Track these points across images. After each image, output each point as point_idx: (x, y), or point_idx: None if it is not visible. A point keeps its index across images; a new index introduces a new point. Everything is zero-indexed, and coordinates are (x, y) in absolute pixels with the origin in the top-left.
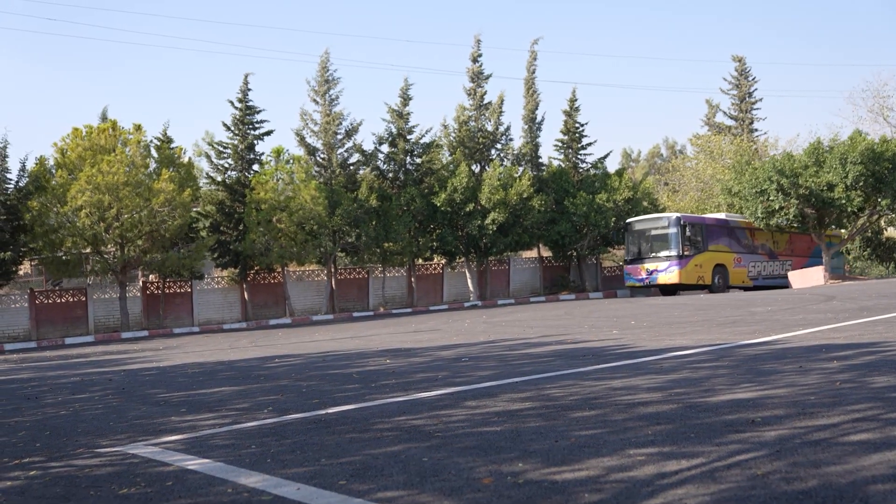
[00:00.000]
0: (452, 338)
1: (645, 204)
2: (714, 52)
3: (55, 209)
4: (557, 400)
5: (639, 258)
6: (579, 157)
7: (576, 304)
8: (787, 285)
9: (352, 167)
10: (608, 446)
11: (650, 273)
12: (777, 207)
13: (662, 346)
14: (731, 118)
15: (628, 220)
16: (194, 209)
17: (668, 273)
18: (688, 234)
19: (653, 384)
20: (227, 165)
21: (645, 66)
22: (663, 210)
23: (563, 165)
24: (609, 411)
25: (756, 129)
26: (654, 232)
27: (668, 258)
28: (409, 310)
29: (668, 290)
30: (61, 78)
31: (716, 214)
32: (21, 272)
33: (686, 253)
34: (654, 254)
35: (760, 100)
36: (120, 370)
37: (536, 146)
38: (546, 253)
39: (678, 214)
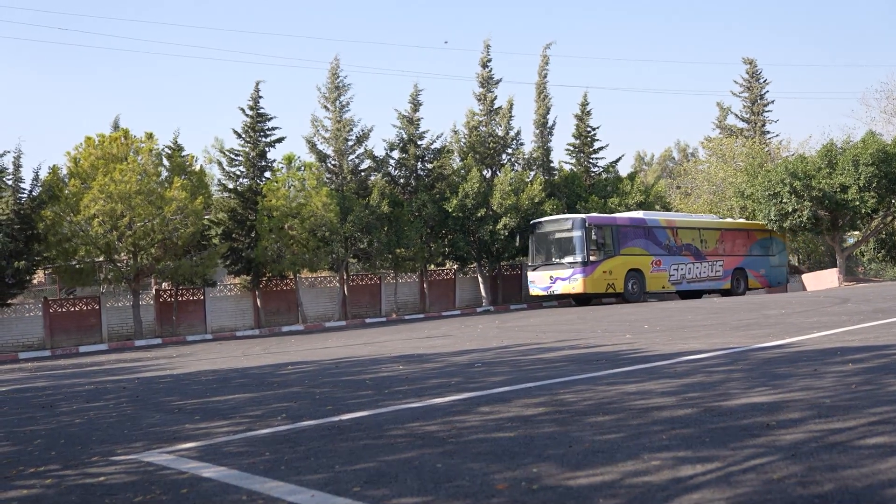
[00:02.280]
0: (465, 343)
1: (657, 207)
2: (725, 55)
3: (68, 218)
4: (571, 405)
5: (543, 264)
6: (591, 161)
7: (588, 308)
8: (719, 289)
9: (363, 173)
10: (623, 451)
11: (553, 281)
12: (790, 210)
13: (676, 349)
14: (743, 121)
15: (533, 221)
16: (206, 217)
17: (571, 281)
18: (594, 236)
19: (667, 388)
20: (238, 173)
21: (656, 70)
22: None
23: (575, 170)
24: (623, 416)
25: (768, 132)
26: (558, 235)
27: (571, 265)
28: (421, 315)
29: (581, 299)
30: (73, 87)
31: (631, 213)
32: (35, 281)
33: (593, 258)
34: (557, 259)
35: (772, 102)
36: (134, 378)
37: (548, 150)
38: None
39: (584, 215)
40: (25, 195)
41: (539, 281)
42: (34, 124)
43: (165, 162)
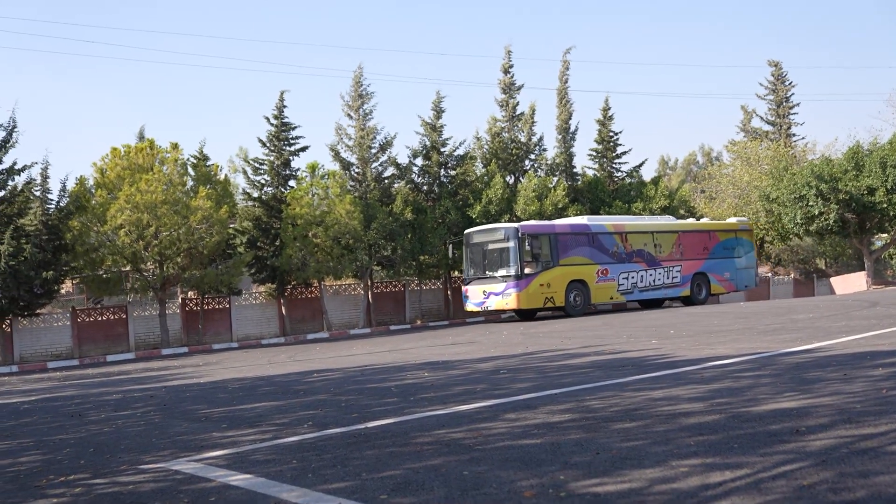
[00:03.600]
0: (490, 350)
1: (682, 212)
2: (750, 58)
3: (95, 228)
4: (598, 411)
5: (476, 278)
6: (614, 165)
7: (613, 314)
8: (678, 297)
9: (386, 181)
10: (651, 458)
11: (487, 296)
12: (817, 213)
13: (703, 355)
14: (768, 123)
15: (466, 231)
16: (231, 226)
17: (504, 297)
18: (528, 247)
19: (694, 394)
20: (263, 181)
21: (679, 73)
22: (697, 215)
23: (598, 175)
24: (651, 422)
25: (793, 135)
26: (491, 246)
27: (504, 278)
28: (445, 322)
29: (524, 314)
30: (99, 99)
31: (573, 219)
32: (63, 291)
33: (528, 271)
34: (491, 273)
35: (797, 104)
36: (161, 387)
37: (571, 156)
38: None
39: (517, 224)
40: (53, 206)
41: (473, 296)
42: (61, 136)
43: (191, 171)
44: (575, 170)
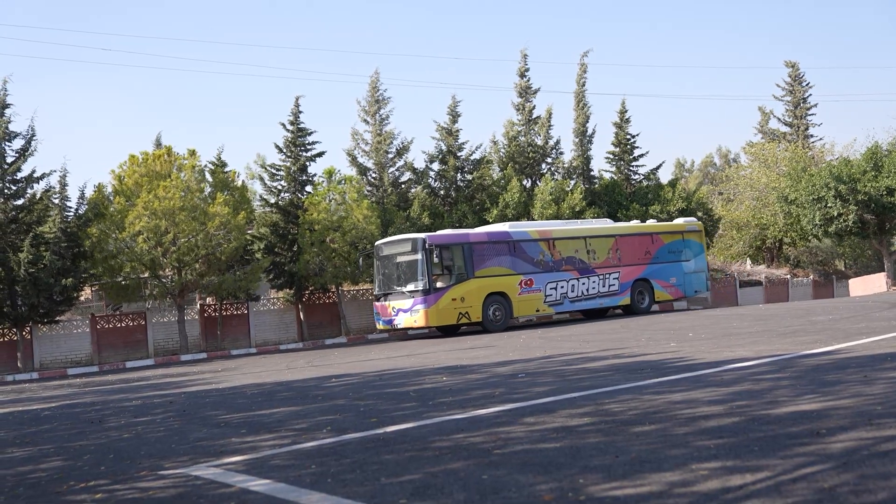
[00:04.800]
0: (508, 354)
1: (699, 214)
2: (766, 59)
3: (114, 235)
4: (617, 415)
5: (385, 293)
6: (631, 168)
7: (631, 317)
8: (617, 306)
9: (403, 186)
10: (670, 461)
11: (395, 313)
12: (835, 214)
13: (722, 357)
14: (786, 125)
15: (377, 243)
16: (249, 232)
17: (412, 313)
18: (437, 259)
19: (714, 397)
20: (280, 187)
21: (696, 75)
22: (718, 216)
23: (615, 178)
24: (670, 425)
25: (811, 136)
26: (399, 259)
27: (412, 294)
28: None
29: (445, 330)
30: (117, 106)
31: (491, 227)
32: (82, 298)
33: (438, 285)
34: (399, 287)
35: (815, 105)
36: (180, 392)
37: (588, 159)
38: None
39: (424, 235)
40: (72, 213)
41: (383, 313)
42: (80, 144)
43: (208, 178)
44: (592, 173)
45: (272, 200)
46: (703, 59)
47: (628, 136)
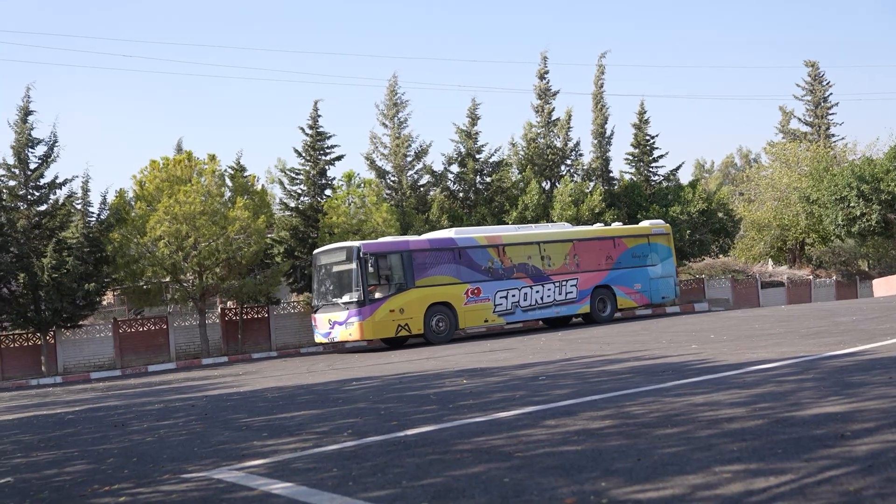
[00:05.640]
0: (528, 356)
1: (720, 215)
2: (786, 58)
3: (135, 240)
4: (638, 417)
5: (322, 305)
6: (651, 169)
7: (653, 319)
8: (575, 315)
9: (422, 188)
10: (693, 464)
11: (332, 326)
12: (858, 214)
13: (744, 359)
14: (807, 124)
15: (315, 252)
16: (269, 236)
17: (347, 326)
18: (372, 268)
19: (736, 399)
20: (299, 191)
21: (715, 76)
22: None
23: (635, 179)
24: (692, 428)
25: (833, 135)
26: (335, 269)
27: (347, 305)
28: (483, 329)
29: (393, 342)
30: (137, 111)
31: (434, 234)
32: (104, 302)
33: (378, 295)
34: (335, 299)
35: (836, 104)
36: (202, 396)
37: (607, 160)
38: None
39: (358, 243)
40: (94, 219)
41: (320, 326)
42: (101, 149)
43: (228, 182)
44: (611, 174)
45: (292, 204)
46: (723, 60)
47: (647, 137)
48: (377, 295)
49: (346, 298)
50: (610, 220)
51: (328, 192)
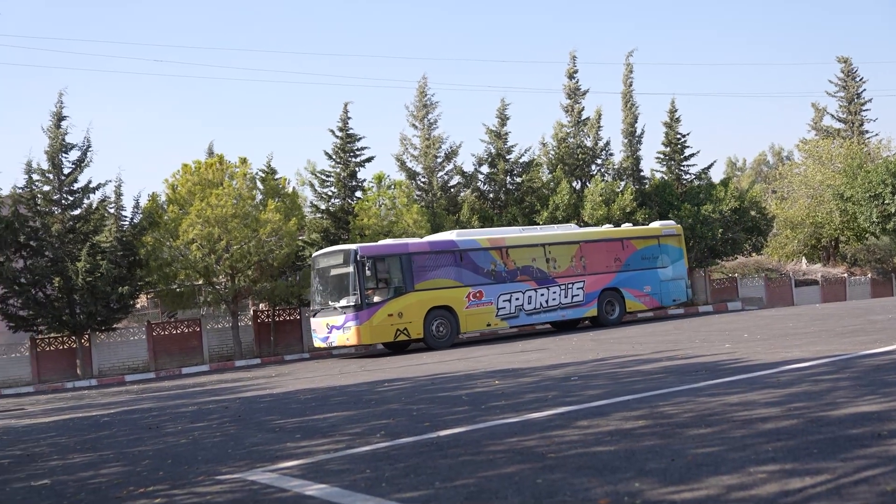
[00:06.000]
0: (560, 357)
1: (753, 213)
2: (818, 55)
3: (168, 243)
4: (672, 417)
5: (321, 309)
6: (682, 168)
7: (685, 318)
8: (582, 318)
9: (452, 189)
10: (727, 464)
11: (330, 330)
12: (893, 211)
13: (779, 358)
14: (840, 121)
15: (314, 254)
16: (300, 238)
17: (344, 331)
18: (369, 272)
19: (771, 399)
20: (330, 193)
21: (746, 73)
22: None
23: (666, 178)
24: (726, 428)
25: (867, 131)
26: (333, 272)
27: (344, 309)
28: (514, 330)
29: (394, 346)
30: (169, 115)
31: (435, 236)
32: (138, 305)
33: (377, 298)
34: (332, 303)
35: (870, 100)
36: (235, 398)
37: (637, 159)
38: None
39: (356, 246)
40: (127, 222)
41: (319, 330)
42: (133, 154)
43: (259, 185)
44: (642, 173)
45: (323, 206)
46: (754, 57)
47: (678, 136)
48: (375, 299)
49: (343, 302)
50: (641, 219)
51: (359, 193)
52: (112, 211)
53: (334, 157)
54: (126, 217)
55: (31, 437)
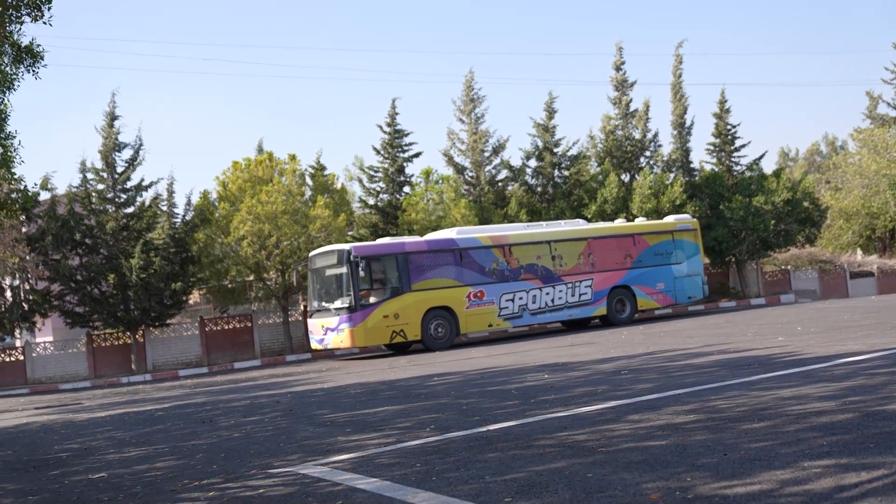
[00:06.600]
0: (610, 350)
1: (806, 204)
2: (873, 42)
3: (219, 240)
4: (724, 411)
5: (316, 310)
6: (733, 159)
7: (737, 311)
8: (591, 317)
9: (500, 183)
10: (781, 459)
11: (325, 332)
12: None
13: (833, 352)
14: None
15: (311, 254)
16: (349, 233)
17: (338, 332)
18: (363, 272)
19: (825, 392)
20: (378, 189)
21: (798, 61)
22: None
23: (716, 169)
24: (780, 422)
25: None
26: (328, 272)
27: (337, 311)
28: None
29: (395, 348)
30: (219, 113)
31: (436, 234)
32: (191, 301)
33: (372, 300)
34: (327, 304)
35: None
36: (286, 392)
37: (687, 151)
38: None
39: (349, 245)
40: (179, 220)
41: (315, 331)
42: (184, 151)
43: (308, 181)
44: (692, 165)
45: (371, 202)
46: (806, 45)
47: (729, 127)
48: (371, 300)
49: (337, 304)
50: (691, 211)
51: (406, 189)
52: (164, 208)
53: (382, 152)
54: (178, 214)
55: (89, 431)
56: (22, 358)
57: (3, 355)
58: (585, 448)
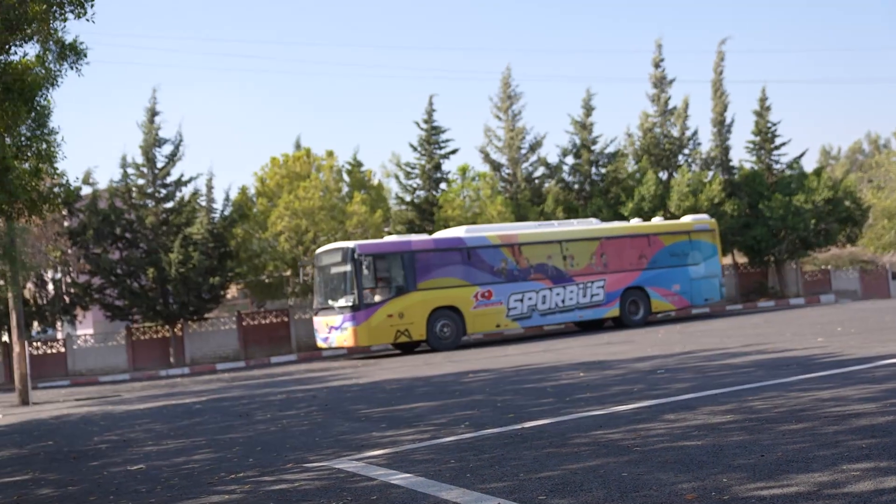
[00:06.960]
0: (646, 349)
1: (847, 203)
2: None
3: (257, 235)
4: (761, 412)
5: (321, 308)
6: (773, 157)
7: (776, 311)
8: (603, 318)
9: (537, 181)
10: (819, 461)
11: (329, 330)
12: None
13: (874, 353)
14: None
15: (317, 251)
16: (385, 229)
17: (342, 331)
18: (368, 270)
19: (865, 394)
20: (415, 185)
21: (841, 59)
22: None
23: (756, 167)
24: (818, 424)
25: None
26: (333, 270)
27: (342, 310)
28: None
29: (401, 348)
30: (258, 110)
31: (444, 233)
32: (228, 296)
33: (377, 298)
34: (332, 302)
35: None
36: (322, 387)
37: (726, 149)
38: (741, 259)
39: (354, 243)
40: (217, 215)
41: (320, 329)
42: (223, 147)
43: (345, 178)
44: (731, 163)
45: (407, 198)
46: (848, 42)
47: (769, 125)
48: (375, 298)
49: (341, 302)
50: (730, 209)
51: (443, 185)
52: (203, 203)
53: (419, 149)
54: (217, 209)
55: (128, 423)
56: (63, 350)
57: (44, 347)
58: (620, 447)
